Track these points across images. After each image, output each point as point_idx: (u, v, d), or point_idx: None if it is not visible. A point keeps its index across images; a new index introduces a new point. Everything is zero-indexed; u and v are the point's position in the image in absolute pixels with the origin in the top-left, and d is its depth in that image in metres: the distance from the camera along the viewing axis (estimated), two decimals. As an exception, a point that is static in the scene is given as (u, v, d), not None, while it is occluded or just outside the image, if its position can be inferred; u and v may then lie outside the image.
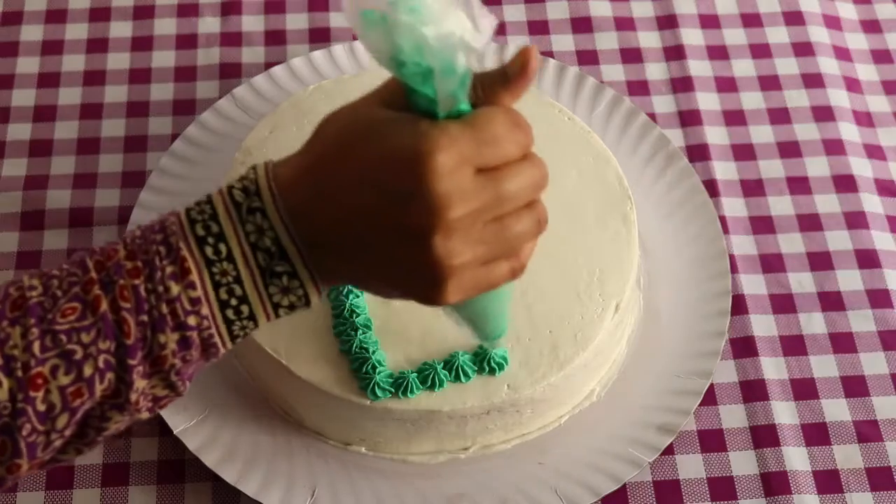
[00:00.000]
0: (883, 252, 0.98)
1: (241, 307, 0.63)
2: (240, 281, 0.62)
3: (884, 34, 1.13)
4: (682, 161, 0.99)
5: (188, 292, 0.61)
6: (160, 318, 0.61)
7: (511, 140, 0.61)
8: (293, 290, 0.63)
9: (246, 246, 0.62)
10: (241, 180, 0.63)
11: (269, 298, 0.63)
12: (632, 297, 0.91)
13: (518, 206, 0.62)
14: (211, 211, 0.63)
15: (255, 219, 0.62)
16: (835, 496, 0.86)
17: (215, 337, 0.63)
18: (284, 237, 0.62)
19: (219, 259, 0.62)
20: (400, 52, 0.59)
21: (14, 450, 0.61)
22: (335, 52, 1.05)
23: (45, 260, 0.96)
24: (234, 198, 0.63)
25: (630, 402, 0.89)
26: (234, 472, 0.84)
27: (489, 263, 0.63)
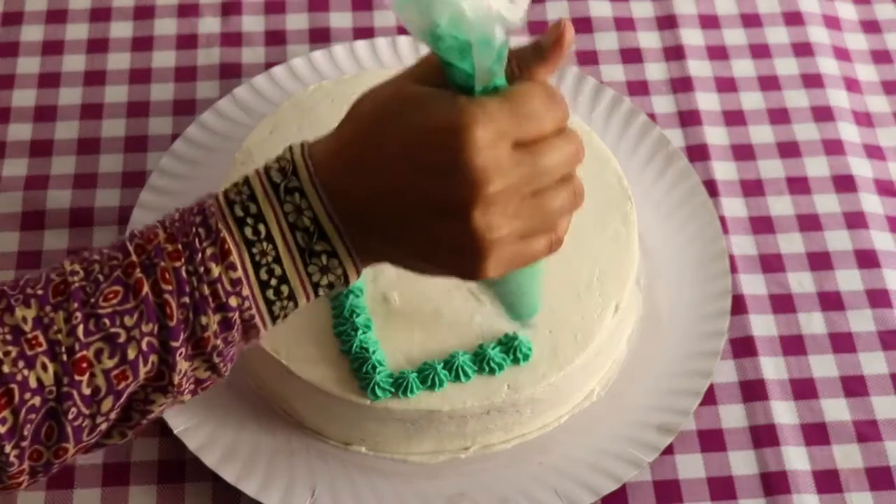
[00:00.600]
0: (882, 252, 0.98)
1: (280, 287, 0.63)
2: (279, 261, 0.63)
3: (883, 34, 1.13)
4: (682, 161, 0.99)
5: (229, 273, 0.62)
6: (201, 300, 0.62)
7: (547, 115, 0.62)
8: (332, 269, 0.63)
9: (285, 226, 0.62)
10: (277, 160, 0.64)
11: (308, 278, 0.63)
12: (632, 297, 0.91)
13: (554, 180, 0.63)
14: (249, 192, 0.63)
15: (294, 198, 0.63)
16: (834, 496, 0.86)
17: (256, 318, 0.63)
18: (323, 216, 0.62)
19: (258, 239, 0.62)
20: (437, 26, 0.59)
21: (60, 434, 0.61)
22: (335, 52, 1.05)
23: (45, 260, 0.96)
24: (271, 178, 0.63)
25: (630, 402, 0.89)
26: (234, 472, 0.84)
27: (527, 238, 0.63)
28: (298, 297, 0.64)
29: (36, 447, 0.62)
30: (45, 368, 0.60)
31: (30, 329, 0.61)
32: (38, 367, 0.60)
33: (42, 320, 0.61)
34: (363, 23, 1.12)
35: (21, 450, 0.61)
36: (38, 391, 0.60)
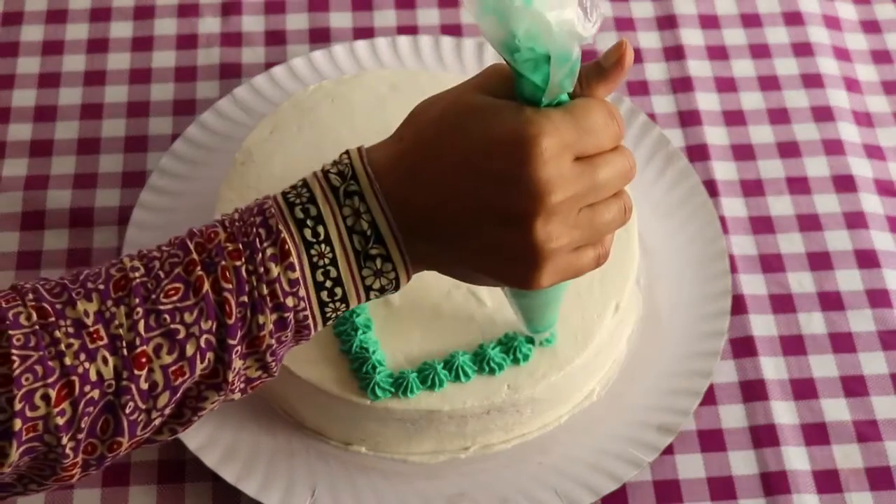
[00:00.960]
0: (882, 252, 0.98)
1: (335, 289, 0.64)
2: (335, 263, 0.64)
3: (883, 34, 1.13)
4: (681, 161, 0.99)
5: (288, 274, 0.63)
6: (260, 299, 0.63)
7: (607, 130, 0.63)
8: (385, 273, 0.65)
9: (343, 228, 0.64)
10: (335, 164, 0.65)
11: (361, 281, 0.65)
12: (632, 296, 0.91)
13: (609, 194, 0.65)
14: (308, 194, 0.64)
15: (353, 202, 0.64)
16: (834, 496, 0.86)
17: (309, 318, 0.65)
18: (381, 220, 0.64)
19: (317, 241, 0.64)
20: (514, 38, 0.60)
21: (116, 428, 0.62)
22: (335, 52, 1.05)
23: (45, 260, 0.96)
24: (330, 181, 0.65)
25: (630, 402, 0.89)
26: (234, 472, 0.84)
27: (578, 250, 0.65)
28: (350, 300, 0.65)
29: (91, 440, 0.62)
30: (105, 362, 0.61)
31: (91, 323, 0.61)
32: (98, 361, 0.61)
33: (104, 314, 0.62)
34: (363, 23, 1.12)
35: (77, 442, 0.61)
36: (98, 384, 0.61)
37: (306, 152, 0.92)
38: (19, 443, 0.60)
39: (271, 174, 0.91)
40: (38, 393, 0.60)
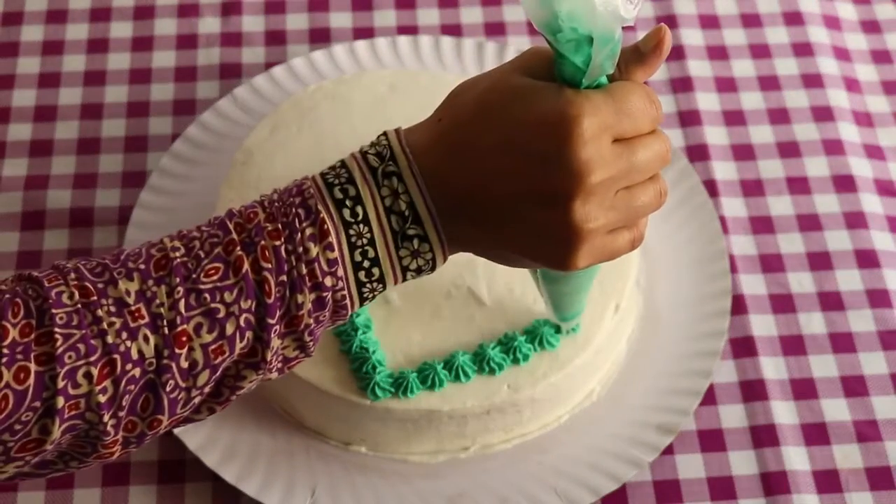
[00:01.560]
0: (882, 252, 0.98)
1: (372, 269, 0.65)
2: (373, 243, 0.64)
3: (883, 34, 1.13)
4: (681, 161, 0.99)
5: (326, 253, 0.63)
6: (299, 279, 0.63)
7: (646, 114, 0.64)
8: (423, 253, 0.65)
9: (381, 209, 0.64)
10: (373, 146, 0.65)
11: (398, 261, 0.65)
12: (632, 296, 0.91)
13: (646, 177, 0.65)
14: (347, 175, 0.65)
15: (391, 182, 0.64)
16: (834, 496, 0.86)
17: (347, 298, 0.65)
18: (419, 201, 0.64)
19: (355, 221, 0.64)
20: (557, 18, 0.60)
21: (157, 405, 0.62)
22: (335, 52, 1.05)
23: (45, 260, 0.96)
24: (368, 162, 0.65)
25: (630, 402, 0.89)
26: (234, 472, 0.84)
27: (614, 232, 0.66)
28: (387, 280, 0.66)
29: (132, 418, 0.63)
30: (146, 340, 0.61)
31: (133, 301, 0.62)
32: (140, 339, 0.61)
33: (145, 294, 0.62)
34: (363, 23, 1.12)
35: (118, 420, 0.62)
36: (139, 362, 0.61)
37: (307, 152, 0.92)
38: (61, 420, 0.60)
39: (272, 174, 0.91)
40: (81, 371, 0.60)
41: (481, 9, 1.12)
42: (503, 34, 1.11)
